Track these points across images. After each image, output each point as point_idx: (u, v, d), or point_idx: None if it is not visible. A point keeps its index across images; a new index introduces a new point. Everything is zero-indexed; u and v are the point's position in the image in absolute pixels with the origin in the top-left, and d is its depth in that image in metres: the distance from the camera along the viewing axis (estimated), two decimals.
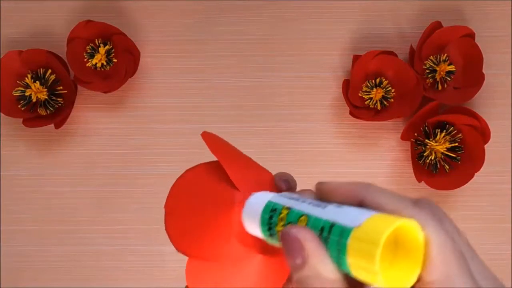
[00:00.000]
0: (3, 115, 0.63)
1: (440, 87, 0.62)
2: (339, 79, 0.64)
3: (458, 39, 0.62)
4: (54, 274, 0.63)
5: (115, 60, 0.63)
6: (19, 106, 0.62)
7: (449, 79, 0.62)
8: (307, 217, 0.25)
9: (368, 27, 0.65)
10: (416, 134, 0.60)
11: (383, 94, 0.62)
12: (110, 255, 0.63)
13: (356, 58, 0.62)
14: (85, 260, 0.63)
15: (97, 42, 0.63)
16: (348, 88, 0.61)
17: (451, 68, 0.62)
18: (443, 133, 0.59)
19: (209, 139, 0.30)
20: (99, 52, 0.63)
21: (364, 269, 0.21)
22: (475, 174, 0.59)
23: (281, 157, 0.63)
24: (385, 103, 0.62)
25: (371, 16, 0.65)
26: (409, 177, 0.62)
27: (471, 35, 0.62)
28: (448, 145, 0.59)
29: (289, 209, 0.26)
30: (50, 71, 0.62)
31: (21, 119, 0.62)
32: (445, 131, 0.60)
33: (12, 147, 0.64)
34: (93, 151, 0.64)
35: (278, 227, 0.26)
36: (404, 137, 0.61)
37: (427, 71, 0.62)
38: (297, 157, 0.63)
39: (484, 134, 0.59)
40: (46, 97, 0.61)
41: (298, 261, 0.23)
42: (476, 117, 0.59)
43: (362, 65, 0.61)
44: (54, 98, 0.62)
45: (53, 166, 0.64)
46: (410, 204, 0.24)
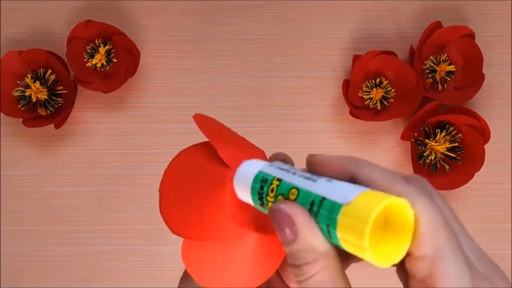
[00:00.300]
0: (3, 115, 0.63)
1: (440, 87, 0.62)
2: (339, 79, 0.64)
3: (458, 39, 0.62)
4: (54, 274, 0.63)
5: (115, 60, 0.63)
6: (19, 106, 0.62)
7: (449, 79, 0.62)
8: (297, 190, 0.25)
9: (368, 27, 0.65)
10: (416, 134, 0.60)
11: (383, 94, 0.62)
12: (110, 255, 0.63)
13: (356, 58, 0.62)
14: (85, 260, 0.63)
15: (97, 42, 0.63)
16: (348, 88, 0.61)
17: (451, 68, 0.62)
18: (443, 133, 0.59)
19: (200, 120, 0.30)
20: (99, 52, 0.63)
21: (353, 244, 0.22)
22: (475, 174, 0.59)
23: None
24: (385, 103, 0.62)
25: (371, 16, 0.65)
26: None
27: (471, 35, 0.62)
28: (448, 145, 0.59)
29: (279, 180, 0.26)
30: (50, 71, 0.62)
31: (21, 119, 0.62)
32: (445, 131, 0.60)
33: (12, 147, 0.64)
34: (93, 151, 0.64)
35: (269, 198, 0.26)
36: (404, 137, 0.61)
37: (427, 71, 0.62)
38: (297, 157, 0.63)
39: (484, 134, 0.59)
40: (46, 97, 0.61)
41: (289, 235, 0.24)
42: (476, 117, 0.59)
43: (362, 65, 0.61)
44: (54, 98, 0.62)
45: (53, 166, 0.64)
46: (401, 179, 0.24)
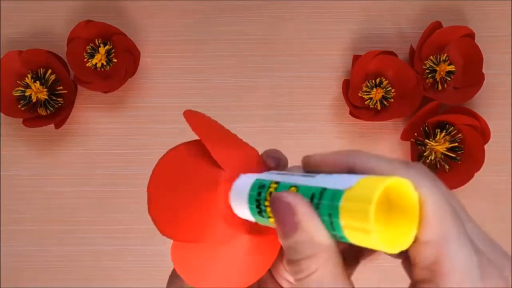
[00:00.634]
0: (3, 115, 0.63)
1: (440, 87, 0.62)
2: (339, 79, 0.64)
3: (458, 39, 0.62)
4: (54, 274, 0.63)
5: (115, 60, 0.63)
6: (19, 106, 0.62)
7: (449, 79, 0.62)
8: (296, 188, 0.24)
9: (368, 27, 0.65)
10: (416, 134, 0.60)
11: (383, 94, 0.62)
12: (110, 255, 0.63)
13: (356, 58, 0.62)
14: (85, 260, 0.63)
15: (97, 42, 0.63)
16: (348, 88, 0.61)
17: (451, 68, 0.62)
18: (443, 133, 0.59)
19: (191, 117, 0.29)
20: (99, 52, 0.63)
21: (358, 229, 0.20)
22: (475, 174, 0.59)
23: None
24: (385, 103, 0.62)
25: (371, 16, 0.65)
26: None
27: (471, 35, 0.62)
28: (448, 145, 0.59)
29: (277, 183, 0.25)
30: (50, 71, 0.62)
31: (21, 119, 0.62)
32: (445, 131, 0.60)
33: (12, 147, 0.64)
34: (93, 151, 0.64)
35: (267, 203, 0.25)
36: (404, 137, 0.61)
37: (427, 71, 0.62)
38: (297, 157, 0.63)
39: (484, 134, 0.59)
40: (46, 97, 0.61)
41: (290, 226, 0.22)
42: (476, 117, 0.59)
43: (362, 65, 0.61)
44: (54, 98, 0.62)
45: (53, 166, 0.64)
46: (402, 165, 0.23)
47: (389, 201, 0.22)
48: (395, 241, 0.21)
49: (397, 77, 0.62)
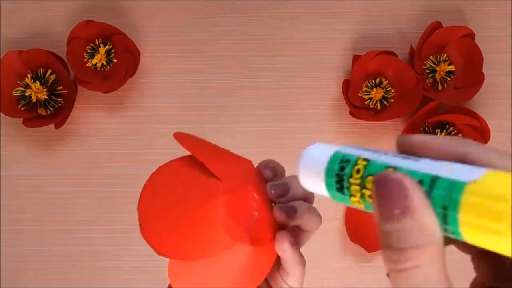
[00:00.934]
0: (3, 115, 0.63)
1: (440, 87, 0.62)
2: (339, 79, 0.64)
3: (458, 39, 0.62)
4: (54, 274, 0.63)
5: (115, 60, 0.63)
6: (19, 106, 0.62)
7: (449, 79, 0.62)
8: (395, 170, 0.21)
9: (368, 27, 0.65)
10: (416, 134, 0.60)
11: (383, 94, 0.62)
12: (110, 255, 0.63)
13: (356, 58, 0.62)
14: (85, 260, 0.63)
15: (97, 42, 0.63)
16: (348, 88, 0.61)
17: (451, 68, 0.62)
18: (443, 133, 0.59)
19: (181, 138, 0.30)
20: (99, 52, 0.63)
21: (484, 228, 0.18)
22: None
23: (281, 157, 0.63)
24: (385, 103, 0.62)
25: (371, 16, 0.65)
26: None
27: (471, 35, 0.62)
28: None
29: (367, 160, 0.23)
30: (50, 71, 0.62)
31: (21, 119, 0.62)
32: (445, 131, 0.60)
33: (12, 147, 0.64)
34: (93, 151, 0.64)
35: (353, 180, 0.23)
36: None
37: (427, 71, 0.62)
38: (297, 157, 0.63)
39: (484, 134, 0.59)
40: (46, 97, 0.61)
41: (400, 209, 0.20)
42: (476, 117, 0.59)
43: (362, 65, 0.61)
44: (54, 98, 0.62)
45: (53, 166, 0.64)
46: None
47: None
48: None
49: (397, 77, 0.62)
